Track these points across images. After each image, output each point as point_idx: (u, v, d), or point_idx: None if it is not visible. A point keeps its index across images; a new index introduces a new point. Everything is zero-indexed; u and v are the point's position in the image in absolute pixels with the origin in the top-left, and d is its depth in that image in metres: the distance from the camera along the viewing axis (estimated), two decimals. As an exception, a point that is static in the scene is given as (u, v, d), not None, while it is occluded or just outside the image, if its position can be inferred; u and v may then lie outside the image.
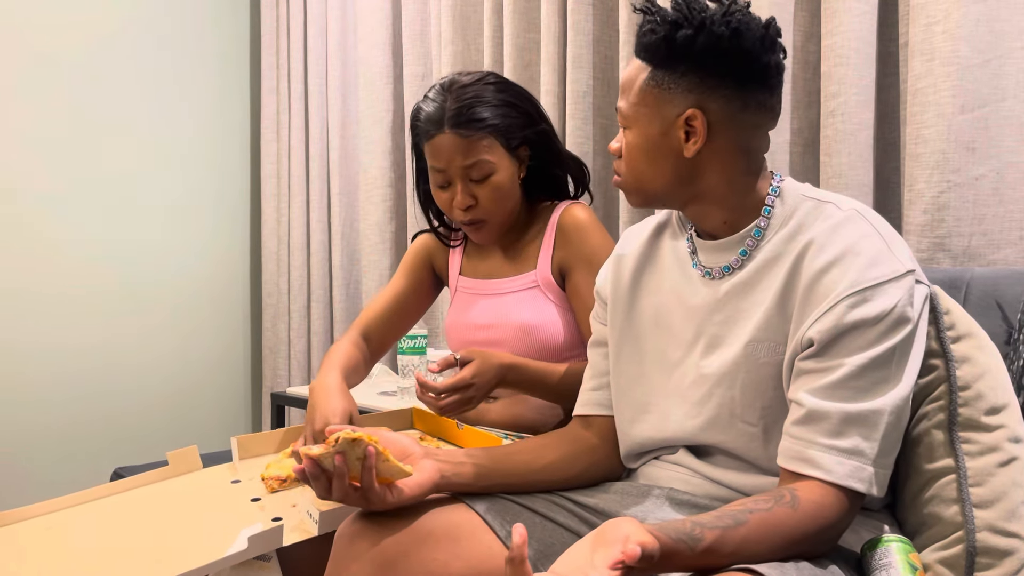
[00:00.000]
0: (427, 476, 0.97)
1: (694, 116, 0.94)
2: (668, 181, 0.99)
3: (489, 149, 1.34)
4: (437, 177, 1.38)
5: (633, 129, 0.99)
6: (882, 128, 1.57)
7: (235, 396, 3.06)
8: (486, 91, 1.35)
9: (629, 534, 0.74)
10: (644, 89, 0.97)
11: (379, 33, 2.53)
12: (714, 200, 0.99)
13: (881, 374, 0.88)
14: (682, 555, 0.78)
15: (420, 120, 1.37)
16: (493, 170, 1.35)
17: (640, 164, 0.99)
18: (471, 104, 1.33)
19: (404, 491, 0.95)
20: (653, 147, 0.98)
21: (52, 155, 2.58)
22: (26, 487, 2.52)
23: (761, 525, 0.82)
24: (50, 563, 1.02)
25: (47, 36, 2.56)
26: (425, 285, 1.57)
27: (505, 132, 1.35)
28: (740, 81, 0.94)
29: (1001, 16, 1.38)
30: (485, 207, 1.37)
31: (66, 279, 2.62)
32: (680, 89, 0.95)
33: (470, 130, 1.32)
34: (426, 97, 1.38)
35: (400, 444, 1.00)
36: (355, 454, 0.91)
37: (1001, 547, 0.89)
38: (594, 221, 1.41)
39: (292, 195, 2.87)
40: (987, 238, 1.40)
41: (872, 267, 0.89)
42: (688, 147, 0.96)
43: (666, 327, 1.06)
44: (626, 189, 1.03)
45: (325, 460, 0.91)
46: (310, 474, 0.92)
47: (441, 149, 1.34)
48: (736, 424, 0.98)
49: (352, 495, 0.93)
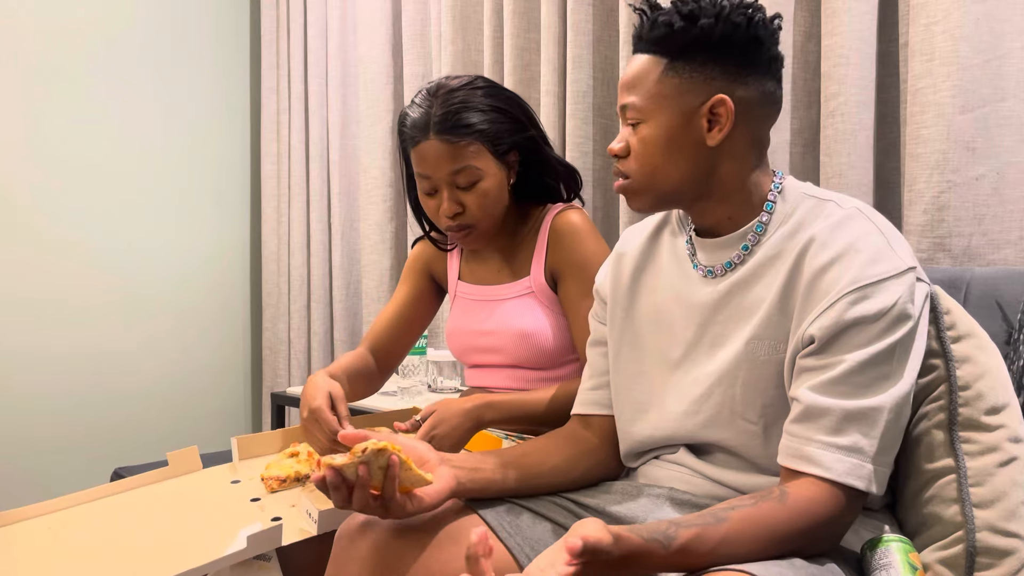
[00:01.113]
0: (445, 484, 0.95)
1: (721, 102, 0.95)
2: (684, 174, 0.98)
3: (476, 155, 1.31)
4: (423, 184, 1.35)
5: (650, 122, 0.98)
6: (882, 128, 1.57)
7: (235, 396, 3.06)
8: (473, 96, 1.32)
9: (586, 531, 0.74)
10: (662, 80, 0.97)
11: (379, 33, 2.53)
12: (724, 195, 0.99)
13: (882, 371, 0.88)
14: (656, 555, 0.77)
15: (406, 126, 1.34)
16: (480, 176, 1.32)
17: (656, 158, 0.98)
18: (458, 110, 1.30)
19: (424, 500, 0.92)
20: (673, 138, 0.97)
21: (52, 156, 2.58)
22: (26, 487, 2.52)
23: (743, 521, 0.81)
24: (50, 563, 1.02)
25: (47, 37, 2.56)
26: (426, 293, 1.56)
27: (493, 138, 1.32)
28: (755, 71, 0.96)
29: (1001, 16, 1.38)
30: (473, 214, 1.34)
31: (66, 279, 2.62)
32: (702, 78, 0.95)
33: (456, 136, 1.29)
34: (412, 102, 1.35)
35: (417, 451, 0.98)
36: (378, 463, 0.89)
37: (1001, 547, 0.89)
38: (588, 226, 1.39)
39: (292, 195, 2.87)
40: (987, 238, 1.40)
41: (873, 264, 0.89)
42: (713, 135, 0.96)
43: (666, 326, 1.06)
44: (633, 189, 1.01)
45: (348, 470, 0.88)
46: (331, 484, 0.89)
47: (427, 156, 1.31)
48: (736, 422, 0.98)
49: (372, 505, 0.90)
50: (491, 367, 1.47)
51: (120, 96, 2.72)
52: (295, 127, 2.86)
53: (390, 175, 2.54)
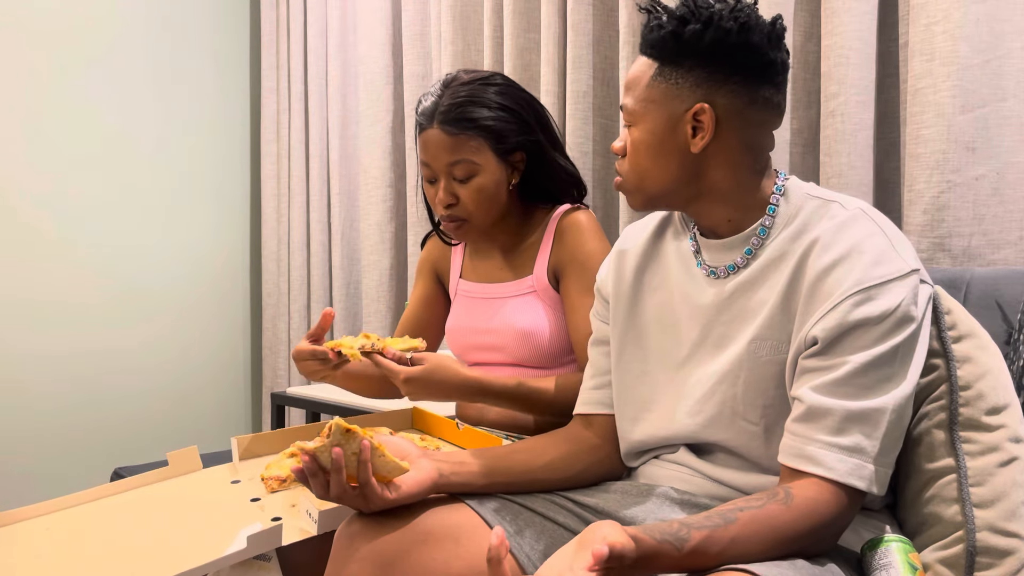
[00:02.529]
0: (426, 474, 0.97)
1: (702, 110, 0.95)
2: (672, 178, 0.98)
3: (476, 151, 1.33)
4: (424, 171, 1.38)
5: (639, 125, 0.99)
6: (882, 128, 1.57)
7: (235, 396, 3.06)
8: (484, 92, 1.34)
9: (606, 535, 0.74)
10: (651, 85, 0.97)
11: (379, 33, 2.53)
12: (718, 197, 0.99)
13: (884, 372, 0.88)
14: (668, 556, 0.78)
15: (417, 112, 1.38)
16: (477, 172, 1.34)
17: (645, 161, 0.99)
18: (464, 103, 1.32)
19: (402, 488, 0.95)
20: (659, 143, 0.98)
21: (52, 156, 2.58)
22: (26, 487, 2.52)
23: (751, 523, 0.82)
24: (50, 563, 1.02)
25: (47, 37, 2.56)
26: (435, 294, 1.58)
27: (496, 136, 1.33)
28: (747, 77, 0.95)
29: (1001, 16, 1.38)
30: (466, 207, 1.36)
31: (66, 280, 2.62)
32: (688, 84, 0.95)
33: (458, 128, 1.31)
34: (428, 90, 1.38)
35: (398, 446, 1.00)
36: (351, 449, 0.91)
37: (1001, 547, 0.89)
38: (594, 225, 1.40)
39: (292, 195, 2.87)
40: (987, 238, 1.40)
41: (877, 266, 0.89)
42: (695, 142, 0.96)
43: (671, 325, 1.06)
44: (627, 189, 1.03)
45: (322, 454, 0.91)
46: (308, 471, 0.92)
47: (428, 144, 1.34)
48: (737, 422, 0.98)
49: (350, 494, 0.93)
50: (491, 365, 1.46)
51: (120, 96, 2.72)
52: (295, 127, 2.86)
53: (390, 175, 2.54)
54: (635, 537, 0.76)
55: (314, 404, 2.12)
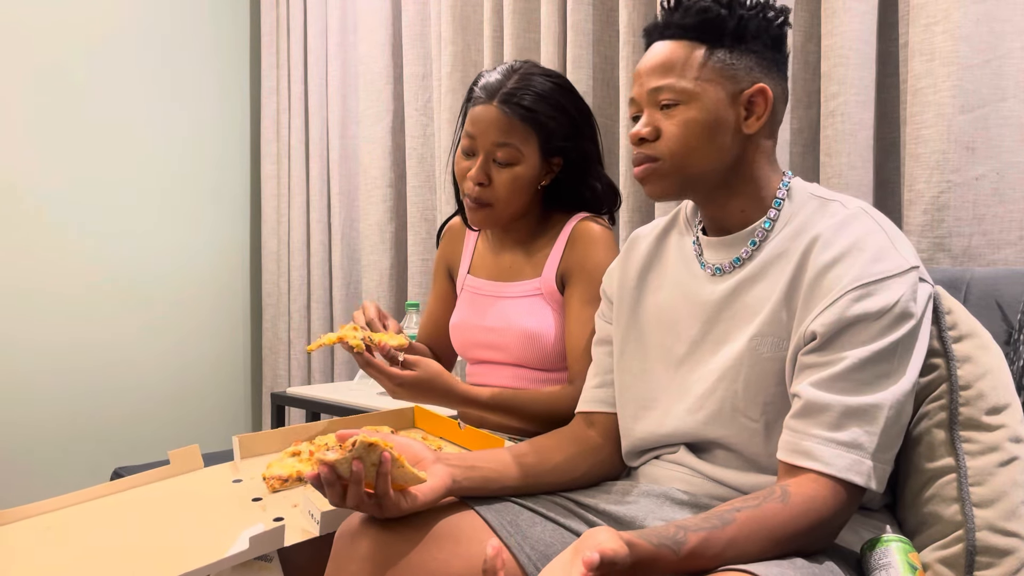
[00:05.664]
0: (440, 482, 0.96)
1: (762, 91, 0.98)
2: (718, 158, 0.99)
3: (524, 140, 1.34)
4: (466, 142, 1.37)
5: (692, 104, 0.98)
6: (882, 128, 1.57)
7: (235, 396, 3.06)
8: (551, 89, 1.35)
9: (599, 542, 0.74)
10: (704, 64, 0.98)
11: (379, 33, 2.53)
12: (742, 186, 1.01)
13: (883, 368, 0.88)
14: (666, 559, 0.78)
15: (477, 85, 1.37)
16: (518, 160, 1.34)
17: (696, 140, 0.98)
18: (529, 92, 1.33)
19: (418, 497, 0.93)
20: (715, 120, 0.98)
21: (53, 155, 2.58)
22: (26, 487, 2.52)
23: (749, 523, 0.82)
24: (50, 562, 1.02)
25: (47, 37, 2.56)
26: (449, 292, 1.59)
27: (548, 134, 1.34)
28: (781, 66, 1.01)
29: (1001, 16, 1.38)
30: (495, 192, 1.36)
31: (67, 279, 2.62)
32: (741, 66, 0.98)
33: (516, 113, 1.32)
34: (493, 69, 1.39)
35: (412, 449, 0.99)
36: (370, 460, 0.89)
37: (1001, 546, 0.89)
38: (607, 237, 1.39)
39: (292, 195, 2.87)
40: (987, 238, 1.40)
41: (876, 262, 0.90)
42: (749, 123, 0.98)
43: (671, 324, 1.06)
44: (662, 172, 1.00)
45: (342, 466, 0.89)
46: (325, 481, 0.90)
47: (480, 118, 1.34)
48: (738, 419, 0.98)
49: (366, 502, 0.91)
50: (493, 364, 1.46)
51: (120, 96, 2.72)
52: (295, 127, 2.86)
53: (390, 175, 2.54)
54: (630, 542, 0.76)
55: (314, 404, 2.12)
